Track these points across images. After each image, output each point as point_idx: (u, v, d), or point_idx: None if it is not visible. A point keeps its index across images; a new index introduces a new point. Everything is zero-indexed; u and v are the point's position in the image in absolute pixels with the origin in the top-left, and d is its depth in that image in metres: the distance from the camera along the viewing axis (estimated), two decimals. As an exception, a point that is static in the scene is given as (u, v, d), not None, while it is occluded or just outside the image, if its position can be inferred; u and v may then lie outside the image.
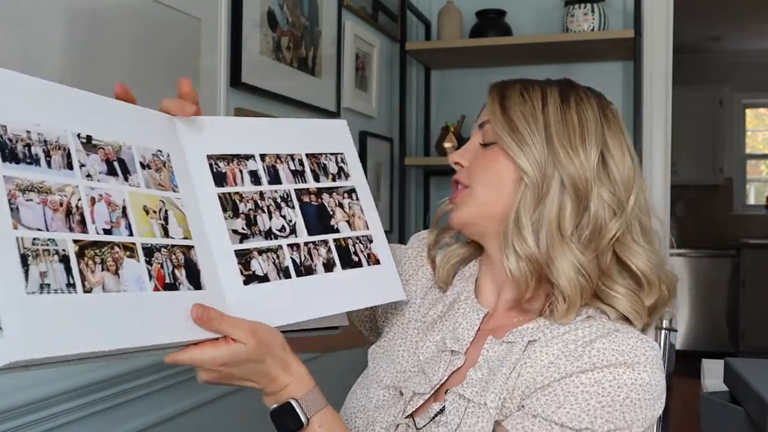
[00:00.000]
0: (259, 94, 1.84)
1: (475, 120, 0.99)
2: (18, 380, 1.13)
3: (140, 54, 1.40)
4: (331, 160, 0.92)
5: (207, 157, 0.81)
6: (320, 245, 0.86)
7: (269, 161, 0.86)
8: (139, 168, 0.74)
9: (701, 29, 5.47)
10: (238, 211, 0.81)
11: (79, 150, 0.69)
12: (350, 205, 0.91)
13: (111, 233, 0.68)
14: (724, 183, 6.25)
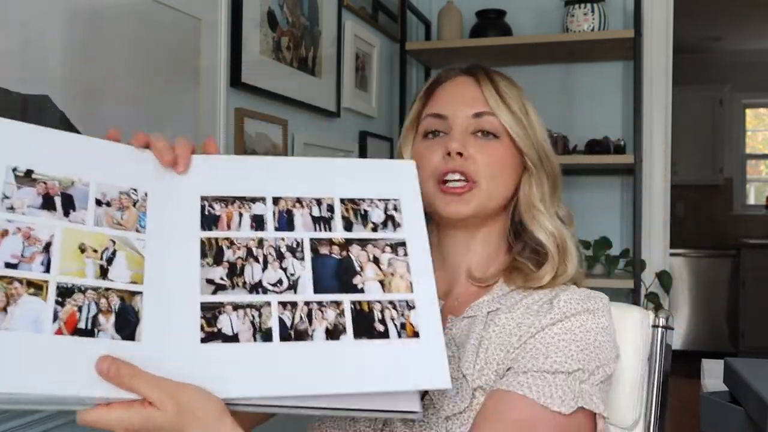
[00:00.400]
0: (259, 94, 1.84)
1: (437, 98, 0.99)
2: (18, 380, 1.13)
3: (140, 54, 1.40)
4: (377, 206, 0.79)
5: (201, 198, 0.74)
6: (329, 307, 0.72)
7: (284, 205, 0.76)
8: (93, 205, 0.69)
9: (701, 29, 5.47)
10: (221, 259, 0.72)
11: (9, 183, 0.67)
12: (391, 261, 0.76)
13: (17, 268, 0.64)
14: (724, 183, 6.25)
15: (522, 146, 0.95)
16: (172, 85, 1.50)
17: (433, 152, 0.95)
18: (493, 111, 0.95)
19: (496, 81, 0.97)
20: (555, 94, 2.95)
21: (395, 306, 0.73)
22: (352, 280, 0.74)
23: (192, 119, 1.57)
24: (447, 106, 0.97)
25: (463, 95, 0.97)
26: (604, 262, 2.65)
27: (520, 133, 0.95)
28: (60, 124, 1.21)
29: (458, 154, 0.92)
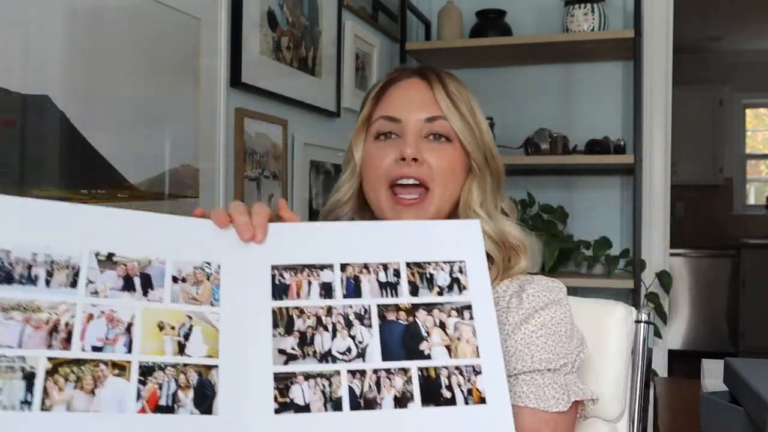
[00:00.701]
0: (259, 94, 1.84)
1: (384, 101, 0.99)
2: (18, 380, 1.13)
3: (140, 54, 1.40)
4: (443, 269, 0.78)
5: (271, 267, 0.75)
6: (397, 374, 0.72)
7: (351, 272, 0.76)
8: (169, 282, 0.72)
9: (701, 29, 5.47)
10: (292, 328, 0.72)
11: (92, 268, 0.70)
12: (457, 325, 0.75)
13: (102, 351, 0.66)
14: (724, 183, 6.25)
15: (470, 150, 0.97)
16: (172, 85, 1.50)
17: (386, 155, 0.96)
18: (445, 116, 0.96)
19: (447, 84, 0.98)
20: (555, 94, 2.95)
21: (462, 371, 0.73)
22: (419, 346, 0.73)
23: (192, 119, 1.57)
24: (400, 109, 0.97)
25: (416, 98, 0.97)
26: (604, 262, 2.65)
27: (469, 138, 0.97)
28: (60, 124, 1.21)
29: (414, 159, 0.93)
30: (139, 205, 1.39)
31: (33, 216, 0.70)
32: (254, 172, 1.82)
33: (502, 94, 2.99)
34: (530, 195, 2.76)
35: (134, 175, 1.38)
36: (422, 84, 0.99)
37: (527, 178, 2.93)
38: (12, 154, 1.12)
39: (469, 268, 0.78)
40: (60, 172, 1.21)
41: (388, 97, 1.00)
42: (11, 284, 0.66)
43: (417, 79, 1.00)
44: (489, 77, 3.02)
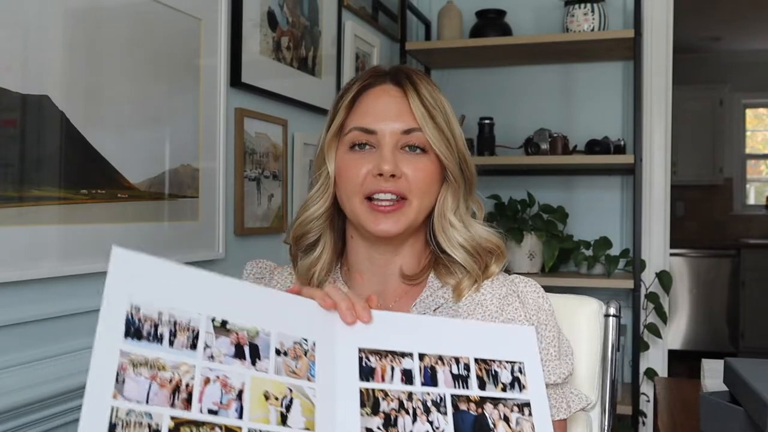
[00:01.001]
0: (259, 94, 1.84)
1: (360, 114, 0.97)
2: (18, 380, 1.13)
3: (140, 54, 1.40)
4: (505, 368, 0.85)
5: (359, 350, 0.81)
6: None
7: (428, 361, 0.82)
8: (273, 354, 0.76)
9: (701, 29, 5.47)
10: (378, 409, 0.78)
11: (209, 332, 0.74)
12: (519, 420, 0.82)
13: (217, 414, 0.70)
14: (724, 183, 6.25)
15: (446, 162, 0.96)
16: (172, 85, 1.50)
17: (361, 166, 0.94)
18: (421, 128, 0.94)
19: (422, 93, 0.96)
20: (555, 94, 2.95)
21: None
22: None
23: (192, 119, 1.57)
24: (375, 120, 0.95)
25: (391, 108, 0.95)
26: (604, 262, 2.65)
27: (445, 151, 0.96)
28: (60, 124, 1.21)
29: (391, 175, 0.92)
30: (140, 205, 1.39)
31: (159, 276, 0.74)
32: (254, 172, 1.82)
33: (502, 94, 2.99)
34: (530, 195, 2.76)
35: (134, 175, 1.38)
36: (397, 92, 0.96)
37: (527, 178, 2.93)
38: (12, 154, 1.12)
39: (527, 369, 0.86)
40: (60, 172, 1.21)
41: (361, 105, 0.97)
42: (140, 340, 0.70)
43: (391, 86, 0.97)
44: (489, 77, 3.02)
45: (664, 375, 2.76)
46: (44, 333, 1.20)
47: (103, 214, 1.30)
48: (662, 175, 2.78)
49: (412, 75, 0.98)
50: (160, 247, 1.45)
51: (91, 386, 0.68)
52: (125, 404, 0.67)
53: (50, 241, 1.19)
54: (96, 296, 1.31)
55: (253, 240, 1.84)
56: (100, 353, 0.70)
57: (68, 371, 1.22)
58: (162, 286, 0.73)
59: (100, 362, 0.69)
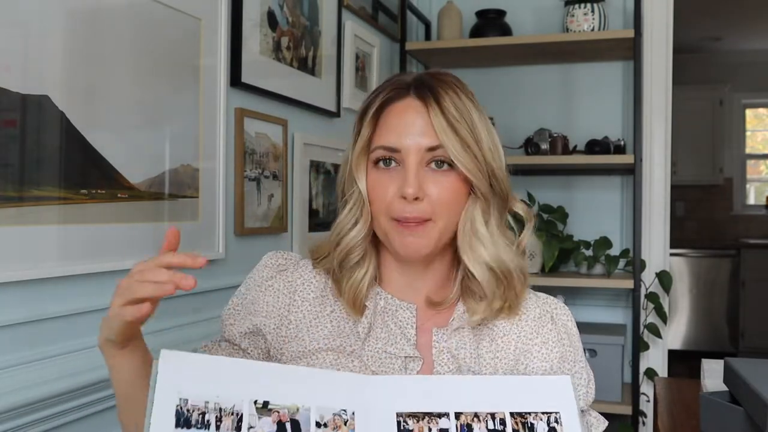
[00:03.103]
0: (259, 94, 1.84)
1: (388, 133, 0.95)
2: (18, 380, 1.13)
3: (140, 54, 1.40)
4: (541, 419, 0.87)
5: (396, 414, 0.84)
6: None
7: (465, 419, 0.85)
8: (314, 427, 0.80)
9: (701, 29, 5.47)
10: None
11: (252, 414, 0.79)
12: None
13: None
14: (724, 183, 6.25)
15: (472, 177, 0.93)
16: (172, 85, 1.50)
17: (388, 186, 0.93)
18: (442, 143, 0.91)
19: (445, 106, 0.93)
20: (555, 94, 2.95)
21: None
22: None
23: (192, 119, 1.57)
24: (398, 138, 0.93)
25: (415, 124, 0.93)
26: (604, 262, 2.65)
27: (470, 165, 0.92)
28: (60, 124, 1.21)
29: (415, 198, 0.91)
30: (140, 205, 1.39)
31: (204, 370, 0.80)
32: (254, 172, 1.82)
33: (502, 94, 2.99)
34: (530, 195, 2.76)
35: (134, 175, 1.38)
36: (420, 106, 0.93)
37: (527, 178, 2.93)
38: (12, 154, 1.12)
39: (564, 418, 0.88)
40: (60, 172, 1.21)
41: (386, 122, 0.95)
42: (190, 429, 0.76)
43: (413, 99, 0.94)
44: (489, 77, 3.02)
45: (664, 375, 2.76)
46: (44, 333, 1.20)
47: (103, 214, 1.30)
48: (662, 175, 2.78)
49: (435, 86, 0.95)
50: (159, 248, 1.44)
51: None
52: None
53: (50, 241, 1.19)
54: (96, 296, 1.31)
55: (253, 240, 1.84)
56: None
57: (68, 371, 1.22)
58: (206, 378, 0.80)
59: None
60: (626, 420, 2.54)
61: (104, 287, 1.31)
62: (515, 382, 0.92)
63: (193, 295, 1.53)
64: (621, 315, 2.88)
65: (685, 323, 5.72)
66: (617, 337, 2.58)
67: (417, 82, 0.96)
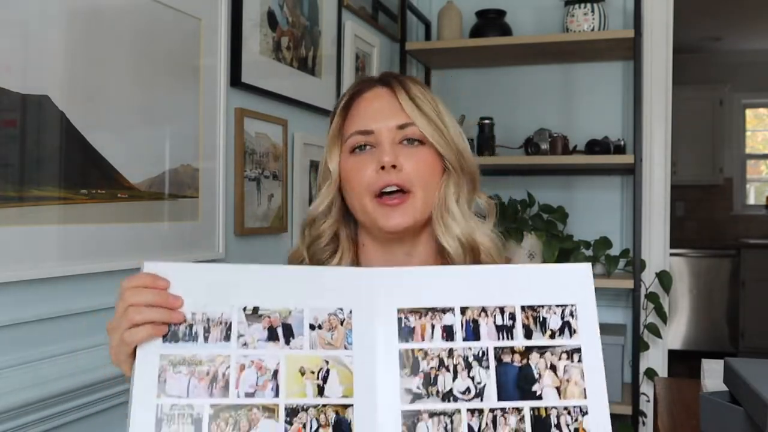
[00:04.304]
0: (259, 94, 1.84)
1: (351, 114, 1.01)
2: (18, 380, 1.13)
3: (140, 54, 1.40)
4: (554, 313, 0.81)
5: (397, 310, 0.80)
6: (511, 413, 0.77)
7: (470, 315, 0.81)
8: (307, 330, 0.79)
9: (701, 29, 5.47)
10: (417, 369, 0.79)
11: (241, 322, 0.78)
12: (567, 368, 0.80)
13: (253, 396, 0.75)
14: (724, 183, 6.25)
15: (441, 151, 0.99)
16: (172, 85, 1.50)
17: (365, 166, 0.98)
18: (413, 121, 0.98)
19: (410, 89, 1.00)
20: (555, 94, 2.95)
21: (570, 412, 0.78)
22: (531, 388, 0.79)
23: (192, 119, 1.57)
24: (370, 121, 0.99)
25: (384, 107, 1.00)
26: (604, 262, 2.65)
27: (438, 139, 0.99)
28: (60, 124, 1.21)
29: (392, 166, 0.96)
30: (140, 205, 1.39)
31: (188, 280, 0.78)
32: (254, 172, 1.82)
33: (502, 94, 2.99)
34: (530, 195, 2.76)
35: (134, 175, 1.38)
36: (386, 92, 1.01)
37: (527, 178, 2.93)
38: (12, 154, 1.12)
39: (580, 311, 0.82)
40: (60, 172, 1.21)
41: (356, 109, 1.02)
42: (177, 342, 0.76)
43: (381, 88, 1.02)
44: (489, 77, 3.02)
45: (664, 375, 2.76)
46: (44, 333, 1.20)
47: (103, 214, 1.30)
48: (662, 175, 2.78)
49: (399, 76, 1.03)
50: (159, 247, 1.45)
51: (137, 390, 0.75)
52: (168, 400, 0.74)
53: (50, 241, 1.19)
54: (96, 296, 1.31)
55: (253, 240, 1.84)
56: (142, 360, 0.76)
57: (68, 371, 1.22)
58: (192, 288, 0.78)
59: (143, 368, 0.76)
60: (626, 420, 2.54)
61: (104, 287, 1.31)
62: (528, 272, 0.85)
63: (193, 295, 1.53)
64: (621, 315, 2.88)
65: (685, 323, 5.72)
66: (617, 337, 2.57)
67: (382, 75, 1.05)
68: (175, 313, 0.77)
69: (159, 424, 0.73)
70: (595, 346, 0.80)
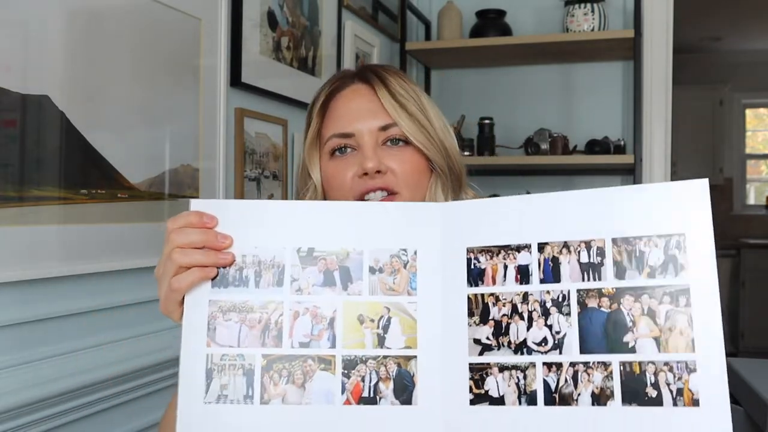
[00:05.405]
0: (259, 94, 1.84)
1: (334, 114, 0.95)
2: (18, 380, 1.13)
3: (140, 54, 1.40)
4: (656, 245, 0.67)
5: (467, 250, 0.71)
6: (596, 368, 0.66)
7: (550, 252, 0.69)
8: (367, 274, 0.72)
9: (701, 29, 5.47)
10: (487, 317, 0.70)
11: (295, 265, 0.72)
12: (670, 313, 0.65)
13: (308, 346, 0.70)
14: (724, 183, 6.25)
15: (426, 150, 0.92)
16: (172, 85, 1.50)
17: (347, 170, 0.92)
18: (396, 121, 0.91)
19: (391, 85, 0.93)
20: (555, 94, 2.95)
21: (672, 368, 0.64)
22: (622, 338, 0.66)
23: (192, 119, 1.57)
24: (350, 123, 0.92)
25: (364, 107, 0.93)
26: (604, 262, 2.65)
27: (422, 138, 0.92)
28: (60, 124, 1.21)
29: (377, 171, 0.89)
30: (140, 205, 1.39)
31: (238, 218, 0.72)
32: (254, 172, 1.82)
33: (502, 94, 2.99)
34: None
35: (134, 175, 1.38)
36: (366, 89, 0.94)
37: (527, 178, 2.93)
38: (12, 154, 1.12)
39: (690, 242, 0.67)
40: (60, 172, 1.21)
41: (334, 109, 0.96)
42: (227, 287, 0.71)
43: (360, 84, 0.96)
44: (489, 77, 3.02)
45: (664, 375, 2.76)
46: (44, 333, 1.20)
47: (103, 214, 1.30)
48: (662, 175, 2.78)
49: (380, 70, 0.96)
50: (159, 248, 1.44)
51: (186, 339, 0.70)
52: (218, 350, 0.69)
53: (50, 241, 1.19)
54: (96, 296, 1.31)
55: (253, 240, 1.83)
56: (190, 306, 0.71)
57: (68, 371, 1.22)
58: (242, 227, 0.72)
59: (192, 315, 0.70)
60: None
61: (104, 287, 1.31)
62: (622, 196, 0.69)
63: (193, 295, 1.53)
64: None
65: (685, 323, 5.71)
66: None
67: (360, 69, 0.98)
68: (223, 255, 0.71)
69: (209, 375, 0.69)
70: (710, 287, 0.65)
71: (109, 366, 1.30)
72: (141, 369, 1.37)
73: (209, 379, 0.69)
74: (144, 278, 1.41)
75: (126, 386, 1.35)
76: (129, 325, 1.39)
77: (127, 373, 1.34)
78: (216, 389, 0.69)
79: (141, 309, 1.42)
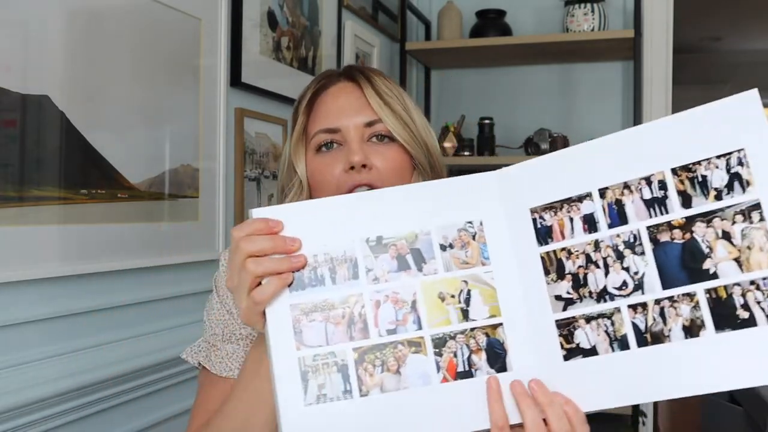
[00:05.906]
0: (259, 94, 1.84)
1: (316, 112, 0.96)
2: (18, 380, 1.13)
3: (140, 54, 1.40)
4: (716, 166, 0.65)
5: (530, 211, 0.72)
6: (682, 301, 0.65)
7: (612, 195, 0.69)
8: (438, 252, 0.72)
9: (701, 29, 5.47)
10: (563, 272, 0.70)
11: (367, 255, 0.72)
12: (746, 232, 0.63)
13: (395, 332, 0.71)
14: (724, 183, 6.25)
15: (409, 148, 0.94)
16: (172, 85, 1.50)
17: (333, 166, 0.92)
18: (381, 118, 0.93)
19: (376, 84, 0.95)
20: (555, 94, 2.95)
21: (759, 286, 0.63)
22: (702, 266, 0.64)
23: (192, 119, 1.57)
24: (336, 118, 0.94)
25: (350, 103, 0.95)
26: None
27: (406, 137, 0.94)
28: (60, 124, 1.21)
29: (363, 165, 0.90)
30: (139, 205, 1.39)
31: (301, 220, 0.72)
32: (254, 172, 1.82)
33: (502, 94, 2.99)
34: (530, 195, 2.76)
35: (134, 175, 1.38)
36: (352, 86, 0.96)
37: (527, 178, 2.93)
38: (12, 154, 1.12)
39: (752, 155, 0.64)
40: (60, 172, 1.21)
41: (320, 106, 0.97)
42: (305, 289, 0.71)
43: (346, 82, 0.97)
44: (489, 77, 3.02)
45: (664, 375, 2.76)
46: (44, 333, 1.20)
47: (103, 214, 1.30)
48: (662, 175, 2.78)
49: (365, 69, 0.99)
50: (159, 248, 1.45)
51: (275, 346, 0.70)
52: (309, 351, 0.70)
53: (50, 241, 1.19)
54: (96, 296, 1.31)
55: (253, 240, 1.83)
56: (272, 314, 0.71)
57: (69, 371, 1.22)
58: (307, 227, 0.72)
59: (276, 322, 0.71)
60: (626, 420, 2.53)
61: (104, 287, 1.31)
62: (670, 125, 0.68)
63: (193, 295, 1.53)
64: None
65: (685, 323, 5.71)
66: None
67: (346, 69, 1.00)
68: (295, 258, 0.71)
69: (305, 377, 0.69)
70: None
71: (109, 366, 1.30)
72: (141, 369, 1.37)
73: (305, 381, 0.69)
74: (144, 278, 1.41)
75: (126, 386, 1.35)
76: (129, 325, 1.39)
77: (127, 373, 1.34)
78: (314, 390, 0.69)
79: (141, 309, 1.42)
